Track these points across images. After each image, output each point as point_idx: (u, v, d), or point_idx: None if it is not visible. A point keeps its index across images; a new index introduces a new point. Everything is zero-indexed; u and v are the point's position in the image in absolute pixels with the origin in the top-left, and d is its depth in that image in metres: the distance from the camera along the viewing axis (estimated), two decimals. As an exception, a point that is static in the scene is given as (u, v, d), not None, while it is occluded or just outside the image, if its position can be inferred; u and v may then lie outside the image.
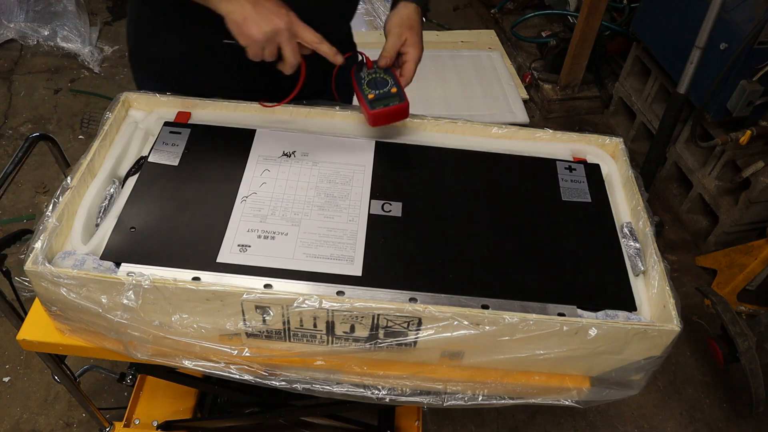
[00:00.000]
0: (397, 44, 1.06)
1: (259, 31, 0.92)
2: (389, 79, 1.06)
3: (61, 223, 0.90)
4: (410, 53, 1.06)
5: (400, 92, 1.05)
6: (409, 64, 1.07)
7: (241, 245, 0.92)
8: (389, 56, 1.06)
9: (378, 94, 1.05)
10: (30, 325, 0.95)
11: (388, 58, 1.06)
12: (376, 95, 1.04)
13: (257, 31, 0.92)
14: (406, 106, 1.04)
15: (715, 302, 1.85)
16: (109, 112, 1.07)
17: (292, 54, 0.96)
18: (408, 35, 1.06)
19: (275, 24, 0.92)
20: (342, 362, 0.91)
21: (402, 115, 1.06)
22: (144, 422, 1.52)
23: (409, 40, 1.06)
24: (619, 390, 0.92)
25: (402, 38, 1.06)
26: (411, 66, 1.07)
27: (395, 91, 1.04)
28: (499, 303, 0.88)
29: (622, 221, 1.04)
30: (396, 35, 1.06)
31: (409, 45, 1.06)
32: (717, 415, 1.94)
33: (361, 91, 1.05)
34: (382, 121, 1.06)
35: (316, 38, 0.97)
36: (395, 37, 1.06)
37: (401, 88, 1.05)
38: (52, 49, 3.01)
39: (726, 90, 2.06)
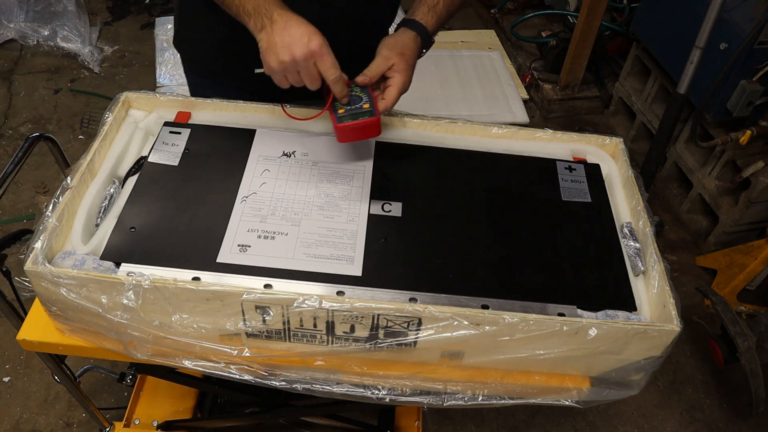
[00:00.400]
0: (383, 67, 1.01)
1: (276, 61, 0.93)
2: (364, 96, 1.01)
3: (61, 223, 0.90)
4: (395, 79, 1.01)
5: (371, 109, 0.99)
6: (392, 90, 1.01)
7: (241, 245, 0.92)
8: (370, 76, 1.01)
9: (348, 110, 0.99)
10: (30, 325, 0.95)
11: (368, 77, 1.01)
12: (347, 110, 0.99)
13: (274, 60, 0.93)
14: (376, 122, 0.98)
15: (715, 302, 1.85)
16: (109, 112, 1.07)
17: (309, 82, 0.95)
18: (397, 60, 1.01)
19: (293, 54, 0.91)
20: (342, 362, 0.91)
21: (371, 131, 1.00)
22: (144, 422, 1.52)
23: (397, 65, 1.01)
24: (619, 390, 0.92)
25: (390, 62, 1.01)
26: (394, 92, 1.01)
27: (367, 107, 0.99)
28: (499, 303, 0.88)
29: (622, 221, 1.04)
30: (384, 57, 1.01)
31: (396, 71, 1.01)
32: (717, 415, 1.94)
33: (333, 106, 1.00)
34: (349, 136, 1.01)
35: (335, 74, 0.94)
36: (383, 60, 1.01)
37: (375, 107, 0.99)
38: (52, 49, 3.01)
39: (726, 90, 2.06)
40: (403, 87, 1.02)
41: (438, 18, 1.06)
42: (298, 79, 0.95)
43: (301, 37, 0.91)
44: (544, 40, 3.05)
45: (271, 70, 0.95)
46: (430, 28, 1.06)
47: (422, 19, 1.05)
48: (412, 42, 1.03)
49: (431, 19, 1.06)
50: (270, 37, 0.93)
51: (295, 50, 0.91)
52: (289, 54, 0.91)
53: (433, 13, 1.06)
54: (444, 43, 3.12)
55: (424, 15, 1.06)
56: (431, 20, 1.06)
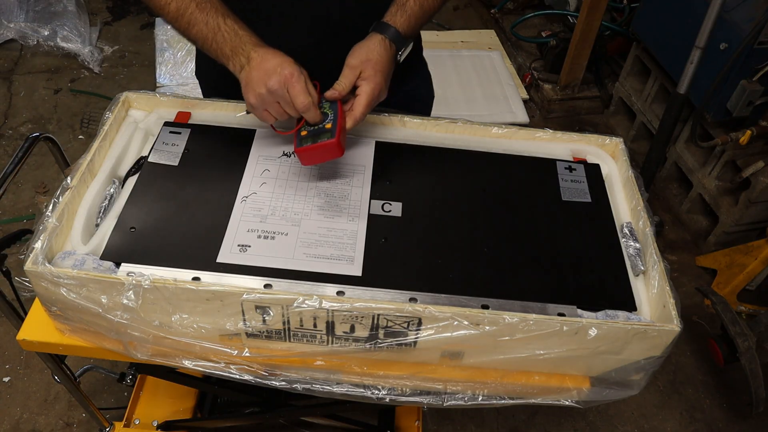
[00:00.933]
0: (351, 78, 0.97)
1: (254, 95, 0.93)
2: (330, 113, 0.96)
3: (61, 223, 0.90)
4: (362, 87, 0.97)
5: (333, 129, 0.93)
6: (360, 99, 0.96)
7: (241, 245, 0.92)
8: (339, 90, 0.97)
9: (311, 131, 0.95)
10: (30, 325, 0.95)
11: (337, 91, 0.97)
12: (309, 131, 0.95)
13: (252, 95, 0.93)
14: (335, 144, 0.92)
15: (715, 302, 1.85)
16: (109, 112, 1.07)
17: (290, 110, 0.94)
18: (364, 68, 0.96)
19: (268, 84, 0.91)
20: (342, 362, 0.91)
21: (331, 152, 0.94)
22: (144, 422, 1.52)
23: (364, 73, 0.96)
24: (619, 390, 0.92)
25: (357, 71, 0.97)
26: (362, 101, 0.96)
27: (329, 127, 0.94)
28: (499, 303, 0.88)
29: (622, 221, 1.04)
30: (351, 67, 0.97)
31: (363, 79, 0.97)
32: (717, 415, 1.94)
33: (299, 129, 0.97)
34: (309, 159, 0.97)
35: (305, 104, 0.92)
36: (350, 70, 0.97)
37: (337, 125, 0.94)
38: (52, 49, 3.01)
39: (726, 90, 2.06)
40: (372, 94, 0.97)
41: (410, 16, 1.00)
42: (279, 110, 0.94)
43: (274, 68, 0.91)
44: (544, 40, 3.05)
45: (251, 105, 0.95)
46: (401, 28, 1.00)
47: (391, 20, 1.00)
48: (379, 46, 0.98)
49: (401, 19, 1.00)
50: (249, 73, 0.93)
51: (270, 80, 0.91)
52: (264, 85, 0.91)
53: (402, 11, 1.00)
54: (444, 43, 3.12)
55: (393, 15, 1.01)
56: (401, 20, 1.00)
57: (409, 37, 1.02)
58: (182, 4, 0.97)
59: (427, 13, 1.04)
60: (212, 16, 0.96)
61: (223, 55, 0.96)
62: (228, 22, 0.96)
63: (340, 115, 0.96)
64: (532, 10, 3.22)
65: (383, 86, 0.98)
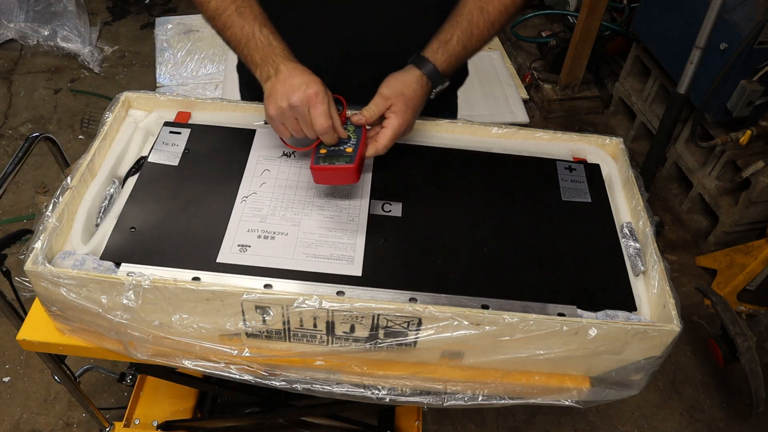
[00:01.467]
0: (381, 108, 0.96)
1: (274, 107, 0.93)
2: (353, 138, 0.95)
3: (61, 223, 0.90)
4: (391, 120, 0.95)
5: (353, 154, 0.93)
6: (386, 132, 0.95)
7: (241, 245, 0.92)
8: (366, 117, 0.96)
9: (330, 151, 0.94)
10: (30, 325, 0.95)
11: (363, 118, 0.96)
12: (328, 151, 0.94)
13: (273, 107, 0.93)
14: (352, 170, 0.92)
15: (715, 302, 1.85)
16: (109, 112, 1.07)
17: (307, 129, 0.93)
18: (396, 101, 0.95)
19: (290, 99, 0.90)
20: (342, 362, 0.91)
21: (346, 178, 0.94)
22: (144, 422, 1.52)
23: (396, 106, 0.95)
24: (619, 390, 0.92)
25: (388, 102, 0.95)
26: (387, 134, 0.95)
27: (349, 151, 0.93)
28: (499, 303, 0.88)
29: (622, 221, 1.04)
30: (383, 98, 0.96)
31: (393, 112, 0.95)
32: (717, 415, 1.94)
33: (319, 145, 0.96)
34: (322, 179, 0.95)
35: (324, 126, 0.91)
36: (381, 100, 0.96)
37: (358, 152, 0.93)
38: (52, 49, 3.01)
39: (726, 90, 2.06)
40: (398, 130, 0.96)
41: (451, 55, 0.98)
42: (295, 127, 0.94)
43: (300, 85, 0.90)
44: (544, 40, 3.05)
45: (269, 117, 0.95)
46: (441, 66, 0.97)
47: (431, 56, 0.98)
48: (416, 82, 0.96)
49: (441, 57, 0.98)
50: (274, 85, 0.93)
51: (292, 96, 0.90)
52: (286, 100, 0.91)
53: (444, 50, 0.98)
54: (444, 43, 3.11)
55: (434, 52, 0.98)
56: (441, 58, 0.98)
57: (447, 75, 1.00)
58: (222, 5, 0.97)
59: (468, 53, 1.01)
60: (249, 23, 0.96)
61: (252, 61, 0.96)
62: (264, 31, 0.96)
63: (363, 141, 0.95)
64: (532, 10, 3.22)
65: (411, 122, 0.98)
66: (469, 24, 0.98)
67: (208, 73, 2.76)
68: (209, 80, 2.73)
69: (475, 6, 0.99)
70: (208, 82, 2.73)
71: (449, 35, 0.98)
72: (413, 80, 0.97)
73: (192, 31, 2.92)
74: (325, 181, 0.97)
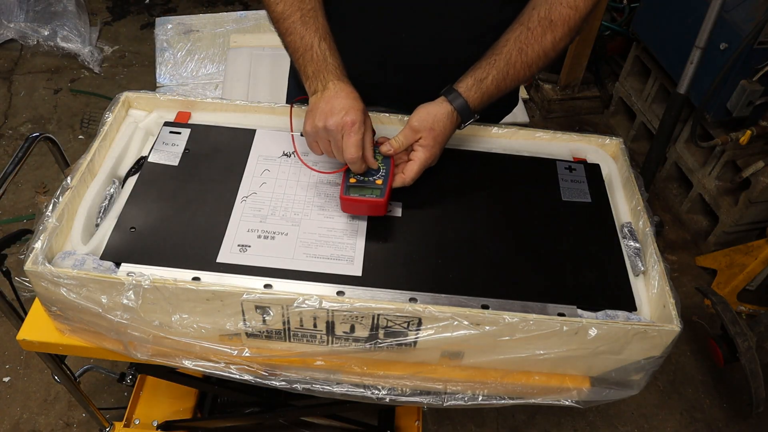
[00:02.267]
0: (410, 139, 0.97)
1: (311, 124, 0.93)
2: (382, 168, 0.96)
3: (61, 223, 0.90)
4: (419, 153, 0.96)
5: (383, 186, 0.94)
6: (413, 165, 0.96)
7: (241, 245, 0.92)
8: (395, 147, 0.97)
9: (360, 180, 0.95)
10: (30, 325, 0.95)
11: (392, 149, 0.97)
12: (358, 180, 0.95)
13: (310, 123, 0.94)
14: (382, 204, 0.93)
15: (715, 302, 1.85)
16: (109, 112, 1.07)
17: (337, 153, 0.94)
18: (425, 135, 0.96)
19: (327, 121, 0.91)
20: (342, 362, 0.91)
21: (375, 210, 0.95)
22: (144, 422, 1.52)
23: (424, 140, 0.96)
24: (619, 390, 0.92)
25: (417, 135, 0.96)
26: (414, 167, 0.96)
27: (379, 183, 0.94)
28: (499, 303, 0.88)
29: (622, 221, 1.04)
30: (412, 130, 0.96)
31: (422, 145, 0.96)
32: (717, 415, 1.94)
33: (348, 172, 0.96)
34: (351, 209, 0.96)
35: (353, 157, 0.92)
36: (410, 132, 0.96)
37: (388, 183, 0.94)
38: (52, 49, 3.01)
39: (726, 90, 2.06)
40: (425, 163, 0.97)
41: (484, 93, 0.97)
42: (327, 148, 0.95)
43: (341, 109, 0.91)
44: (544, 40, 3.04)
45: (306, 132, 0.96)
46: (473, 103, 0.97)
47: (465, 93, 0.97)
48: (446, 118, 0.96)
49: (474, 94, 0.97)
50: (317, 102, 0.93)
51: (330, 119, 0.91)
52: (323, 120, 0.91)
53: (478, 87, 0.97)
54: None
55: (468, 89, 0.97)
56: (474, 95, 0.97)
57: (477, 112, 1.00)
58: (288, 10, 0.97)
59: (501, 93, 1.00)
60: (310, 33, 0.96)
61: (305, 73, 0.97)
62: (323, 45, 0.96)
63: (392, 173, 0.96)
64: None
65: (438, 156, 0.99)
66: (506, 64, 0.97)
67: (208, 73, 2.76)
68: (209, 80, 2.73)
69: (515, 47, 0.97)
70: (208, 82, 2.72)
71: (485, 73, 0.97)
72: (444, 115, 0.97)
73: (192, 31, 2.92)
74: (353, 211, 0.97)
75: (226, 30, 2.82)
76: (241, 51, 2.49)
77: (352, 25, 1.07)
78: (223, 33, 2.83)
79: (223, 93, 2.60)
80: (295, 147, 1.06)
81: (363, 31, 1.07)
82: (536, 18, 0.97)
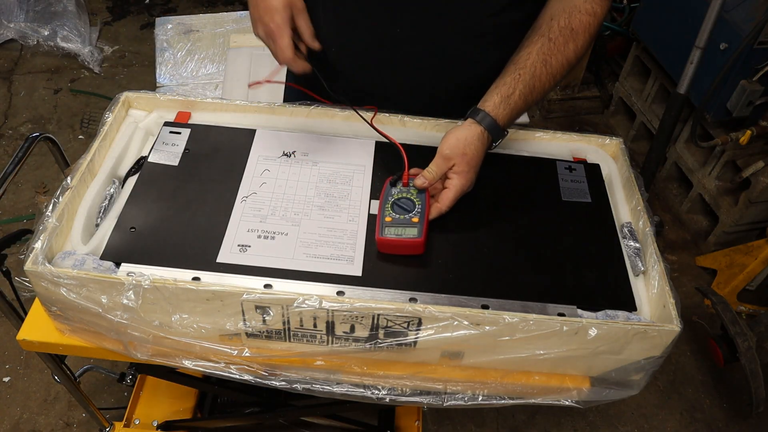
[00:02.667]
0: (443, 168, 0.95)
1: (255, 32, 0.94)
2: (418, 203, 0.94)
3: (61, 223, 0.90)
4: (454, 181, 0.94)
5: (420, 224, 0.91)
6: (448, 193, 0.94)
7: (241, 245, 0.92)
8: (429, 179, 0.94)
9: (396, 219, 0.92)
10: (30, 325, 0.95)
11: (427, 180, 0.94)
12: (394, 219, 0.92)
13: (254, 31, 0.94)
14: (420, 243, 0.90)
15: (715, 302, 1.85)
16: (109, 112, 1.07)
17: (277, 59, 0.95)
18: (458, 161, 0.94)
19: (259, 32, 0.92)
20: (342, 362, 0.91)
21: (413, 249, 0.92)
22: (144, 422, 1.52)
23: (458, 167, 0.94)
24: (619, 390, 0.92)
25: (450, 163, 0.94)
26: (450, 195, 0.94)
27: (416, 221, 0.91)
28: (499, 303, 0.88)
29: (622, 221, 1.04)
30: (444, 158, 0.94)
31: (456, 172, 0.94)
32: (717, 415, 1.94)
33: (383, 209, 0.94)
34: (388, 249, 0.93)
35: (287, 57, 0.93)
36: (443, 161, 0.94)
37: (424, 220, 0.92)
38: (52, 49, 3.01)
39: (726, 90, 2.06)
40: (461, 190, 0.95)
41: (512, 110, 0.96)
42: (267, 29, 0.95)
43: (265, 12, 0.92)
44: (544, 40, 3.04)
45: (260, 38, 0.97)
46: (502, 121, 0.96)
47: (493, 111, 0.96)
48: (478, 140, 0.95)
49: (503, 111, 0.96)
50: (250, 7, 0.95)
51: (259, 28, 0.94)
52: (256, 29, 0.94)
53: (506, 104, 0.96)
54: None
55: (496, 107, 0.96)
56: (503, 113, 0.96)
57: (507, 129, 1.00)
58: None
59: (528, 106, 0.99)
60: None
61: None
62: None
63: (427, 208, 0.94)
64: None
65: (473, 181, 0.96)
66: (532, 77, 0.96)
67: (208, 73, 2.76)
68: (209, 80, 2.73)
69: (539, 59, 0.96)
70: (208, 82, 2.72)
71: (512, 89, 0.96)
72: (475, 138, 0.95)
73: (192, 31, 2.91)
74: (390, 251, 0.93)
75: (226, 30, 2.81)
76: (241, 51, 2.48)
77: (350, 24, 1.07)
78: (223, 33, 2.83)
79: (223, 93, 2.59)
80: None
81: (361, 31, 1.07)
82: (557, 28, 0.96)
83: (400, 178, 0.97)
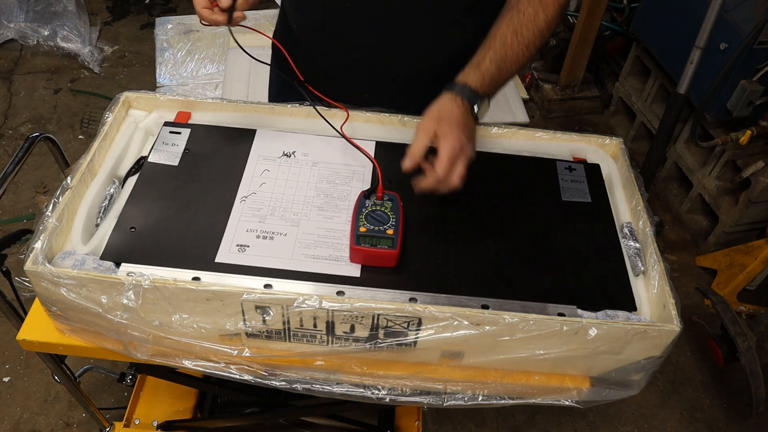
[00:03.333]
0: (425, 140, 0.91)
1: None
2: (391, 217, 0.93)
3: (61, 223, 0.90)
4: (441, 144, 0.90)
5: (394, 236, 0.91)
6: (441, 156, 0.90)
7: (240, 245, 0.92)
8: (413, 155, 0.91)
9: (370, 230, 0.91)
10: (30, 325, 0.95)
11: (413, 158, 0.91)
12: (368, 230, 0.91)
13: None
14: (394, 255, 0.90)
15: (715, 302, 1.85)
16: (109, 112, 1.07)
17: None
18: (437, 127, 0.91)
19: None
20: (342, 362, 0.91)
21: (387, 261, 0.91)
22: (144, 422, 1.52)
23: (439, 131, 0.91)
24: (619, 390, 0.92)
25: (430, 132, 0.91)
26: (444, 158, 0.89)
27: (390, 234, 0.91)
28: (499, 303, 0.88)
29: (622, 221, 1.04)
30: (423, 131, 0.92)
31: (439, 137, 0.91)
32: (717, 415, 1.94)
33: (357, 220, 0.93)
34: (361, 259, 0.92)
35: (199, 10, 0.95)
36: (422, 133, 0.92)
37: (399, 233, 0.91)
38: (52, 49, 3.01)
39: (726, 90, 2.06)
40: (452, 149, 0.90)
41: (484, 74, 0.96)
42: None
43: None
44: (544, 40, 3.04)
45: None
46: (473, 84, 0.96)
47: (462, 77, 0.97)
48: (451, 103, 0.94)
49: (474, 76, 0.96)
50: None
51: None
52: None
53: (476, 70, 0.96)
54: (444, 43, 3.11)
55: (465, 74, 0.97)
56: (474, 77, 0.96)
57: (485, 94, 0.98)
58: None
59: (504, 74, 0.98)
60: None
61: None
62: None
63: (401, 219, 0.93)
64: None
65: (464, 140, 0.91)
66: (502, 45, 0.97)
67: (208, 73, 2.76)
68: (209, 80, 2.73)
69: (509, 29, 0.97)
70: (208, 82, 2.72)
71: (481, 57, 0.97)
72: (447, 102, 0.94)
73: (192, 31, 2.92)
74: (363, 262, 0.92)
75: (226, 30, 2.81)
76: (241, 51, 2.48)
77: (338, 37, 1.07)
78: (223, 33, 2.83)
79: (223, 93, 2.59)
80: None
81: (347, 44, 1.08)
82: (525, 1, 0.98)
83: (374, 191, 0.97)
